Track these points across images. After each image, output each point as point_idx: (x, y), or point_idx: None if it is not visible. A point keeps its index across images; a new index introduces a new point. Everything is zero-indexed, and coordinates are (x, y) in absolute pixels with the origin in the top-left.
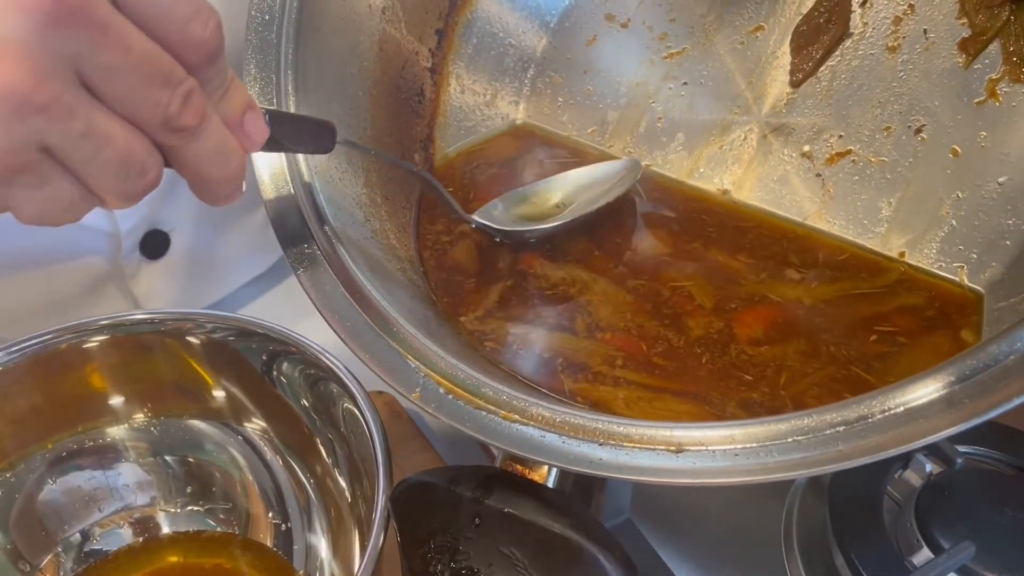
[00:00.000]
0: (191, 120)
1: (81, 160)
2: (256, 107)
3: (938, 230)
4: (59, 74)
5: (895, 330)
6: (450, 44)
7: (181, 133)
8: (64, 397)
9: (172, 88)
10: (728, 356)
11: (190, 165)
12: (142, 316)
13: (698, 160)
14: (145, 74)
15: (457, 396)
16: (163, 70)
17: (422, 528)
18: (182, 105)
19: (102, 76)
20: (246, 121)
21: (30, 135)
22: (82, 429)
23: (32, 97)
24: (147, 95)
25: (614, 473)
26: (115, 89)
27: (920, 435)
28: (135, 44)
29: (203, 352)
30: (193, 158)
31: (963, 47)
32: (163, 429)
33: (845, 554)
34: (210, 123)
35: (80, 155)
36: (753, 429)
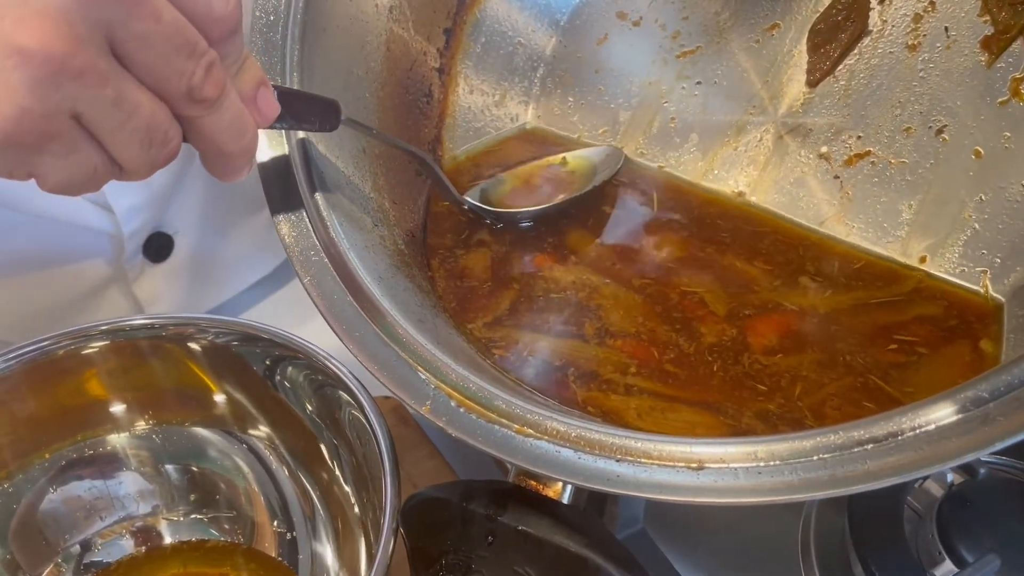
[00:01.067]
0: (213, 91)
1: (110, 128)
2: (268, 83)
3: (960, 234)
4: (94, 40)
5: (914, 340)
6: (458, 43)
7: (203, 104)
8: (63, 405)
9: (197, 59)
10: (742, 365)
11: (207, 137)
12: (143, 321)
13: (712, 161)
14: (173, 44)
15: (469, 409)
16: (189, 41)
17: (434, 545)
18: (205, 76)
19: (133, 44)
20: (259, 96)
21: (64, 101)
22: (82, 437)
23: (69, 62)
24: (174, 64)
25: (632, 491)
26: (144, 58)
27: (953, 454)
28: (165, 14)
29: (205, 358)
30: (211, 130)
31: (986, 45)
32: (165, 437)
33: (865, 566)
34: (228, 96)
35: (109, 123)
36: (776, 446)
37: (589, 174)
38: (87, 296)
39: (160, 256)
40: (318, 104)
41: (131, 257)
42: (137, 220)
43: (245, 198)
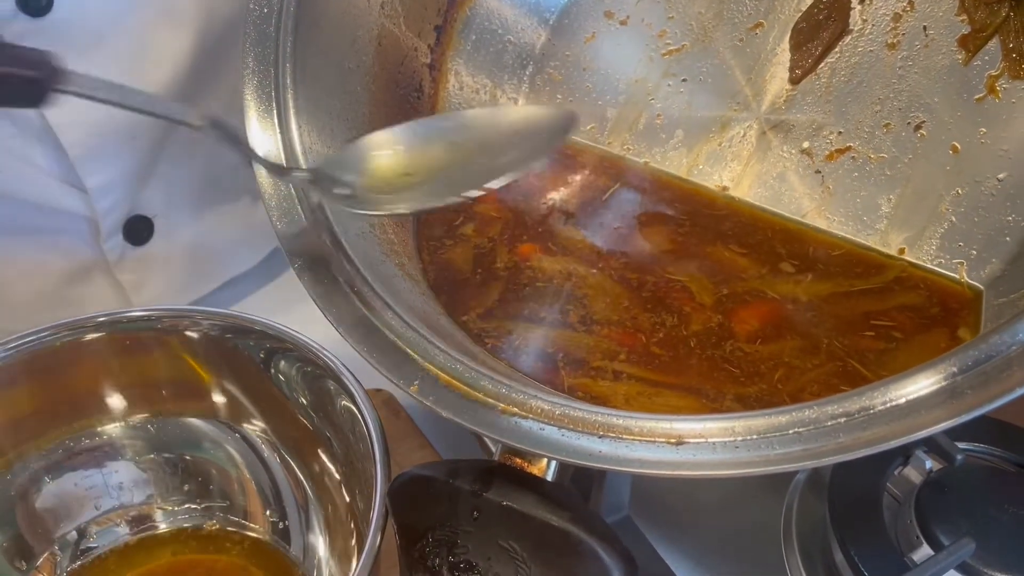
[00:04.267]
0: None
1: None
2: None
3: (938, 227)
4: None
5: (892, 324)
6: (449, 40)
7: None
8: (60, 395)
9: None
10: (725, 352)
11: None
12: (138, 313)
13: (697, 157)
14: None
15: (455, 389)
16: None
17: (420, 522)
18: None
19: None
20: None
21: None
22: (78, 427)
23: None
24: None
25: (614, 466)
26: None
27: (922, 426)
28: None
29: (200, 349)
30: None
31: (963, 44)
32: (160, 427)
33: (845, 551)
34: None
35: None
36: (754, 421)
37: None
38: (71, 281)
39: (141, 240)
40: (16, 79)
41: (109, 239)
42: (110, 199)
43: (227, 181)
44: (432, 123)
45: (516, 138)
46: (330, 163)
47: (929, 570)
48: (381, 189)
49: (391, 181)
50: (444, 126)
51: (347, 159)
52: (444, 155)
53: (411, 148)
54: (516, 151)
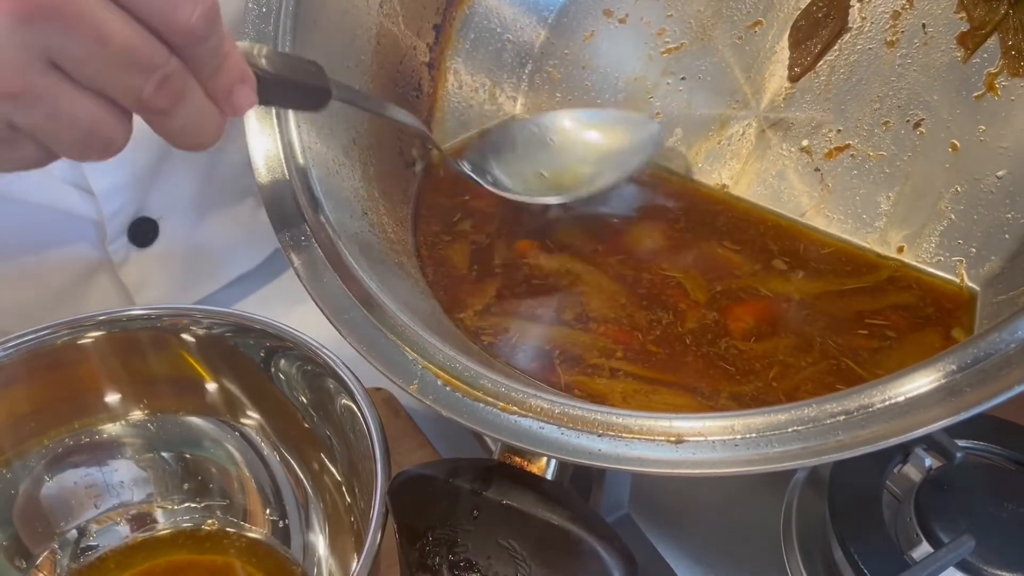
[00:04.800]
0: (164, 103)
1: (45, 136)
2: (250, 77)
3: (937, 224)
4: (30, 66)
5: (885, 323)
6: (448, 39)
7: (153, 112)
8: (60, 393)
9: (148, 74)
10: (720, 350)
11: (162, 133)
12: (139, 312)
13: (697, 155)
14: (120, 64)
15: (455, 388)
16: (139, 60)
17: (420, 521)
18: (156, 89)
19: (74, 65)
20: (235, 93)
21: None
22: (78, 425)
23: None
24: (120, 81)
25: (613, 464)
26: (87, 74)
27: (921, 424)
28: (112, 36)
29: (200, 348)
30: (164, 130)
31: (962, 41)
32: (160, 425)
33: (844, 549)
34: (186, 103)
35: (44, 133)
36: (752, 419)
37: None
38: (75, 282)
39: (145, 241)
40: (304, 89)
41: (114, 240)
42: (117, 201)
43: (231, 184)
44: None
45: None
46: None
47: (929, 568)
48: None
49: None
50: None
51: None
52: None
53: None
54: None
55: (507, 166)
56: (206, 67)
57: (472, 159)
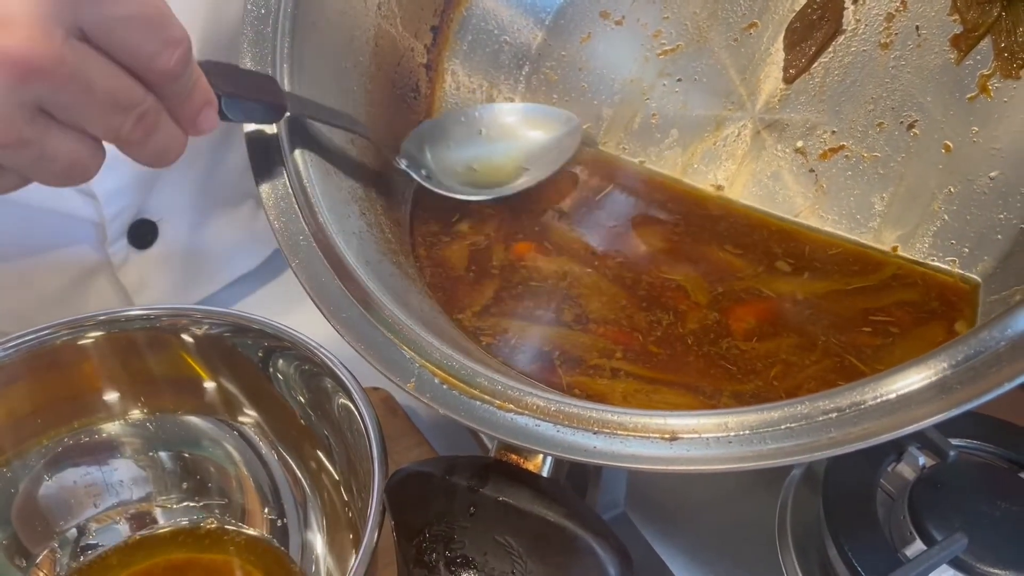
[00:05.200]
0: (140, 135)
1: (28, 171)
2: (213, 101)
3: (930, 225)
4: (20, 118)
5: (889, 320)
6: (445, 40)
7: (128, 144)
8: (60, 393)
9: (127, 113)
10: (721, 349)
11: (131, 156)
12: (138, 312)
13: (692, 156)
14: (103, 108)
15: (452, 386)
16: (121, 102)
17: (417, 518)
18: (134, 125)
19: (60, 111)
20: (200, 116)
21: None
22: (78, 425)
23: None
24: (102, 121)
25: (608, 461)
26: (71, 117)
27: (912, 421)
28: (97, 85)
29: (198, 348)
30: (135, 155)
31: (955, 43)
32: (159, 425)
33: (839, 546)
34: (157, 132)
35: (28, 169)
36: (746, 417)
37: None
38: (75, 283)
39: (145, 243)
40: (260, 106)
41: (114, 242)
42: (118, 203)
43: (230, 186)
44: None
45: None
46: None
47: (922, 565)
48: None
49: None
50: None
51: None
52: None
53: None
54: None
55: (441, 158)
56: (177, 96)
57: (409, 152)
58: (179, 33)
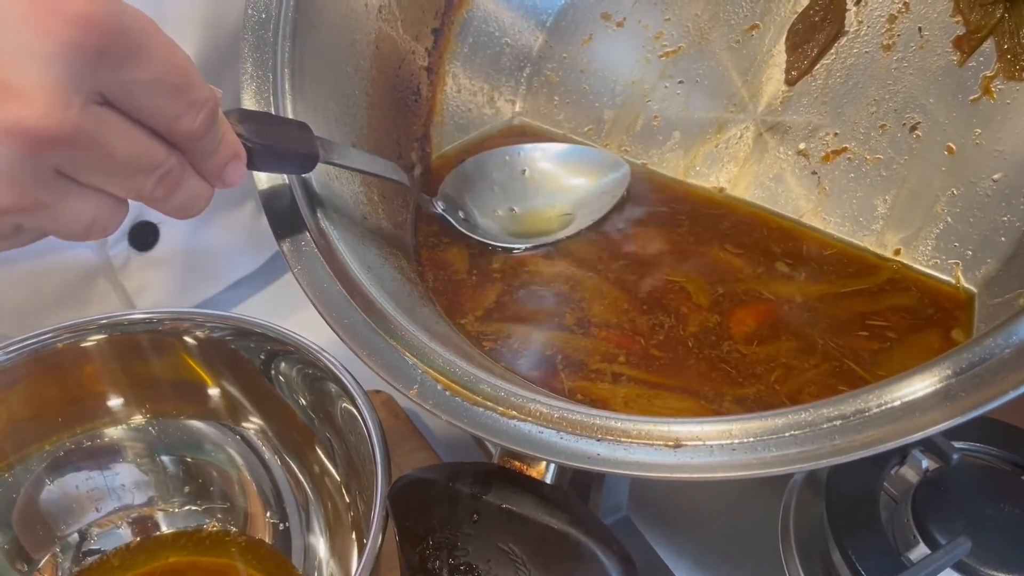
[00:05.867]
0: (163, 193)
1: (48, 231)
2: (242, 153)
3: (933, 227)
4: (40, 183)
5: (886, 325)
6: (446, 43)
7: (151, 201)
8: (62, 397)
9: (149, 174)
10: (722, 353)
11: (156, 209)
12: (140, 316)
13: (694, 158)
14: (124, 170)
15: (455, 393)
16: (143, 164)
17: (420, 525)
18: (156, 184)
19: (80, 173)
20: (227, 170)
21: (7, 221)
22: (80, 430)
23: (4, 205)
24: (124, 183)
25: (612, 468)
26: (91, 179)
27: (917, 428)
28: (119, 149)
29: (201, 352)
30: (159, 208)
31: (958, 45)
32: (161, 429)
33: (842, 550)
34: (181, 189)
35: (48, 230)
36: (750, 424)
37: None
38: (75, 286)
39: (146, 245)
40: (292, 156)
41: (115, 244)
42: None
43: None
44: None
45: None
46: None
47: (926, 569)
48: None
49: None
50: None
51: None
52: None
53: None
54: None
55: (480, 200)
56: (203, 152)
57: (446, 193)
58: (204, 93)
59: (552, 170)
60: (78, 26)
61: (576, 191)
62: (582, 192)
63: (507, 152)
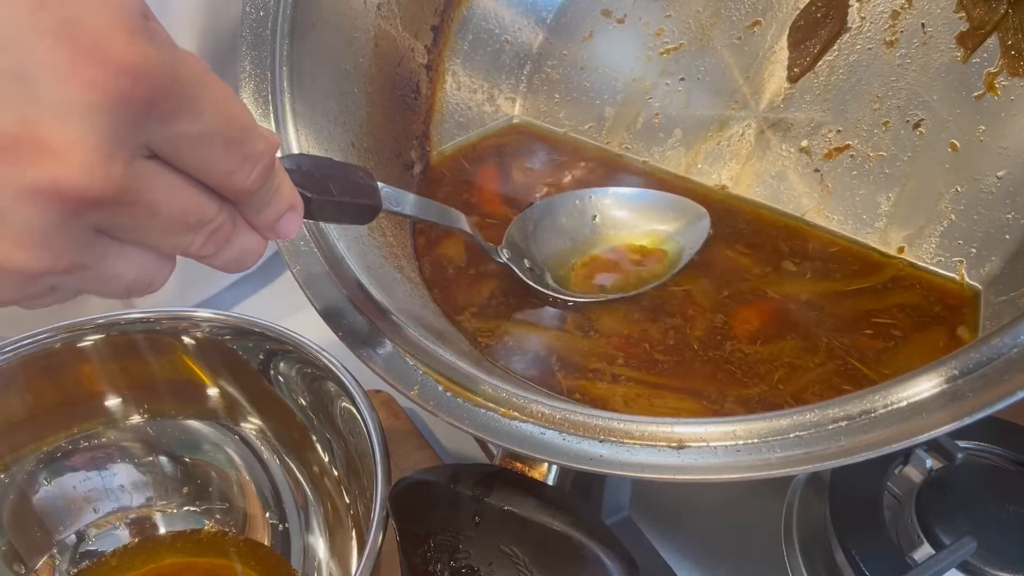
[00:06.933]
0: (212, 250)
1: (87, 291)
2: (299, 204)
3: (937, 225)
4: (78, 243)
5: (891, 323)
6: (446, 41)
7: (199, 258)
8: (59, 397)
9: (197, 231)
10: (725, 353)
11: (204, 263)
12: (137, 315)
13: (696, 156)
14: (170, 228)
15: (456, 394)
16: (191, 222)
17: (421, 527)
18: (206, 241)
19: (122, 233)
20: (282, 222)
21: (36, 285)
22: (77, 430)
23: (34, 268)
24: (170, 241)
25: (615, 470)
26: (134, 238)
27: (923, 430)
28: (163, 206)
29: (199, 351)
30: (208, 264)
31: (961, 41)
32: (159, 429)
33: (846, 550)
34: (232, 244)
35: (87, 290)
36: (754, 425)
37: (674, 259)
38: None
39: None
40: (352, 207)
41: None
42: None
43: None
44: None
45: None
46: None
47: (930, 569)
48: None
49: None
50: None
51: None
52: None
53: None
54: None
55: (549, 248)
56: (257, 206)
57: (512, 239)
58: (260, 147)
59: (625, 217)
60: (127, 78)
61: (649, 238)
62: (656, 239)
63: (577, 196)
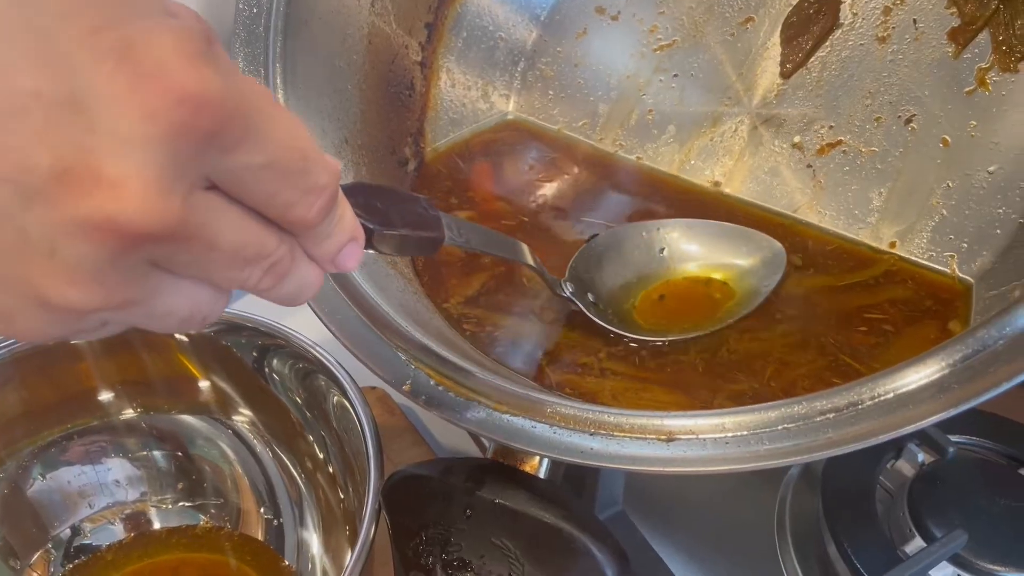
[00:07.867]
0: (270, 284)
1: (138, 325)
2: (361, 235)
3: (929, 220)
4: (131, 278)
5: (883, 318)
6: (440, 38)
7: (256, 292)
8: (53, 393)
9: (256, 265)
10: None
11: (262, 297)
12: None
13: (689, 152)
14: (228, 263)
15: (448, 388)
16: (250, 256)
17: (414, 520)
18: (264, 275)
19: (176, 268)
20: (342, 255)
21: (86, 322)
22: (71, 425)
23: (86, 305)
24: (227, 276)
25: (605, 463)
26: (191, 273)
27: (910, 421)
28: (221, 240)
29: (192, 347)
30: (265, 298)
31: (953, 37)
32: (153, 424)
33: (838, 544)
34: (290, 277)
35: (138, 324)
36: (743, 417)
37: (750, 295)
38: None
39: None
40: (415, 239)
41: None
42: None
43: None
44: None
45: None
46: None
47: (922, 562)
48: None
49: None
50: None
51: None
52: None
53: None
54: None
55: (613, 283)
56: (317, 239)
57: (576, 272)
58: (323, 179)
59: (695, 251)
60: (188, 108)
61: (721, 273)
62: (727, 274)
63: (644, 228)
